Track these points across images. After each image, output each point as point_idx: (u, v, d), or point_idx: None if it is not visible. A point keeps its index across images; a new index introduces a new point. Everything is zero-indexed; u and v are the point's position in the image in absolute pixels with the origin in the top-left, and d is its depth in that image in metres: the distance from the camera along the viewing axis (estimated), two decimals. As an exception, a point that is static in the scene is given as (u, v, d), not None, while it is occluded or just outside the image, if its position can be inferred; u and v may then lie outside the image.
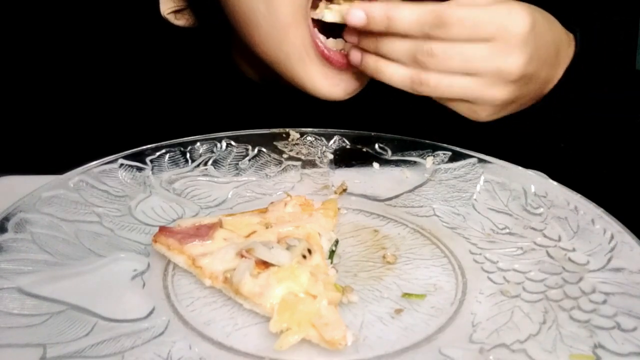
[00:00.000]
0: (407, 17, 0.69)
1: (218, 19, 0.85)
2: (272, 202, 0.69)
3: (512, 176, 0.76)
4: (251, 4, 0.78)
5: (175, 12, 0.90)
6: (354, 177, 0.79)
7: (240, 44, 0.87)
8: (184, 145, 0.79)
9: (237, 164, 0.79)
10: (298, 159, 0.81)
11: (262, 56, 0.83)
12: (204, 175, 0.77)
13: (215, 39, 0.91)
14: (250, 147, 0.81)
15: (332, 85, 0.81)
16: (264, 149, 0.81)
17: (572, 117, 0.81)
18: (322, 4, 0.77)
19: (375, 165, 0.81)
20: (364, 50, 0.75)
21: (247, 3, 0.78)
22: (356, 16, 0.71)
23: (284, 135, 0.83)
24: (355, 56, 0.76)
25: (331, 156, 0.82)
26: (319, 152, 0.82)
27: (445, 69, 0.70)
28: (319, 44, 0.79)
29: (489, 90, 0.71)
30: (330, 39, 0.80)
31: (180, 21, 0.90)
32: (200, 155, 0.79)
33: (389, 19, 0.69)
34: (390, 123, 0.88)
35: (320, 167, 0.81)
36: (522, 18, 0.69)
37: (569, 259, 0.63)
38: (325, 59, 0.79)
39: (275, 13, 0.76)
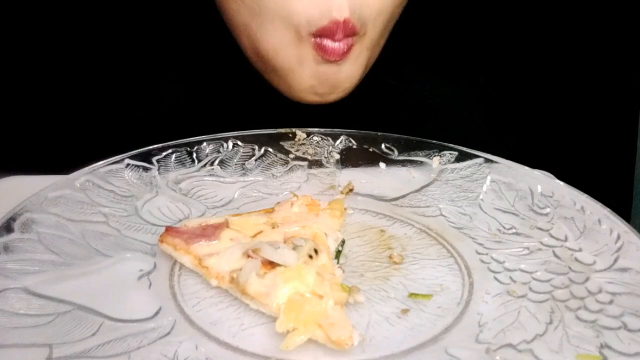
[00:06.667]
0: None
1: None
2: (278, 202, 0.69)
3: (518, 176, 0.75)
4: None
5: None
6: (361, 177, 0.79)
7: None
8: (191, 145, 0.79)
9: (244, 164, 0.79)
10: (304, 159, 0.81)
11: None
12: (211, 175, 0.77)
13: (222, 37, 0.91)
14: (256, 147, 0.81)
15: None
16: (270, 149, 0.81)
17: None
18: None
19: (382, 165, 0.81)
20: None
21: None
22: None
23: (290, 135, 0.83)
24: None
25: (337, 156, 0.82)
26: (326, 152, 0.82)
27: None
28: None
29: None
30: None
31: None
32: (207, 155, 0.79)
33: None
34: (396, 123, 0.88)
35: (327, 167, 0.80)
36: None
37: (576, 259, 0.63)
38: (320, 48, 0.80)
39: None
